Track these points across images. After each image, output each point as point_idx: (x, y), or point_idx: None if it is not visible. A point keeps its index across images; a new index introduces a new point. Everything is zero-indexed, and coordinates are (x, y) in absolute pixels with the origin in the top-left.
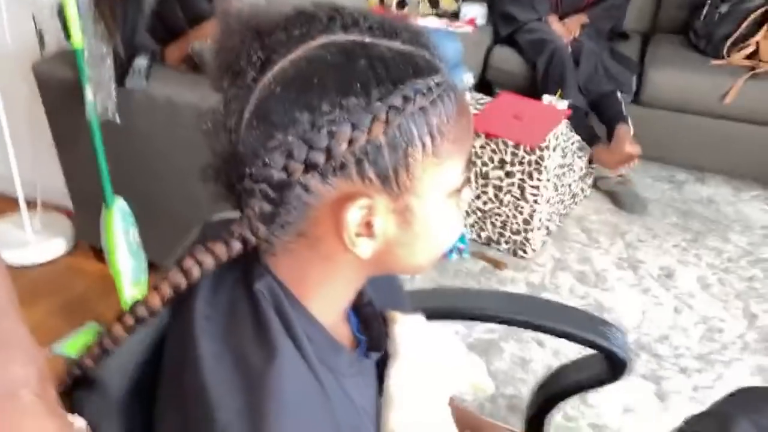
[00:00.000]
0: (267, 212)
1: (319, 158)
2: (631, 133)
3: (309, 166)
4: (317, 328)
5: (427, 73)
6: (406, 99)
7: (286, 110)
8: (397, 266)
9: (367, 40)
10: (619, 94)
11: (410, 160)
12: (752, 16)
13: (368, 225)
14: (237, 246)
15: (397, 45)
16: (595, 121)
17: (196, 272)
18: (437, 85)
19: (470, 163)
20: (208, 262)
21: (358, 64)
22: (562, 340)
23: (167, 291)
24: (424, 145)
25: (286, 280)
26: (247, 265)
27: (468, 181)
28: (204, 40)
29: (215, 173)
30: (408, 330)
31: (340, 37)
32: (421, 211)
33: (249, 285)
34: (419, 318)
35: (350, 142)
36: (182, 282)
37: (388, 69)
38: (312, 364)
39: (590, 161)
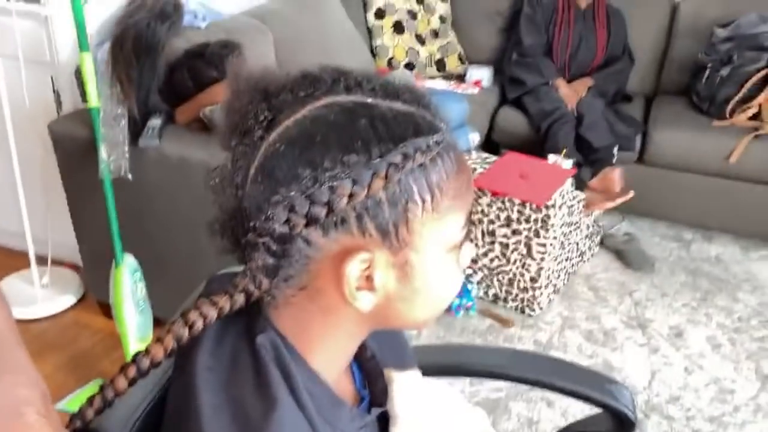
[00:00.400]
0: (270, 265)
1: (320, 213)
2: (620, 175)
3: (310, 220)
4: (318, 383)
5: (427, 132)
6: (405, 156)
7: (289, 167)
8: (397, 321)
9: (369, 100)
10: (615, 148)
11: (410, 215)
12: (753, 79)
13: (369, 279)
14: (240, 299)
15: (398, 105)
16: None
17: (199, 324)
18: (436, 143)
19: (470, 220)
20: (212, 314)
21: (360, 123)
22: (571, 400)
23: (171, 343)
24: (423, 201)
25: (288, 334)
26: (250, 318)
27: (468, 237)
28: (213, 104)
29: (221, 228)
30: (407, 389)
31: (343, 98)
32: (421, 266)
33: (252, 338)
34: (416, 375)
35: (350, 197)
36: (185, 334)
37: (388, 128)
38: (312, 419)
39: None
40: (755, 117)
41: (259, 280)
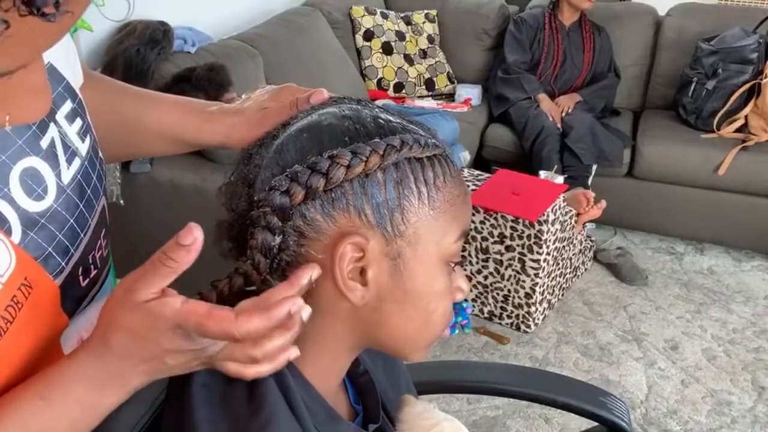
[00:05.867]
0: (268, 242)
1: (319, 182)
2: (590, 197)
3: (309, 191)
4: (315, 397)
5: (426, 137)
6: (403, 142)
7: (297, 148)
8: (387, 331)
9: (377, 110)
10: (594, 167)
11: (405, 203)
12: (738, 92)
13: (362, 273)
14: (239, 281)
15: (402, 121)
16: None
17: None
18: (435, 145)
19: (466, 237)
20: (212, 297)
21: (365, 116)
22: (569, 416)
23: None
24: (420, 192)
25: None
26: None
27: (461, 261)
28: None
29: (229, 228)
30: (416, 416)
31: (353, 104)
32: (413, 263)
33: None
34: (430, 406)
35: (348, 167)
36: None
37: (391, 124)
38: None
39: None
40: (741, 129)
41: (257, 260)
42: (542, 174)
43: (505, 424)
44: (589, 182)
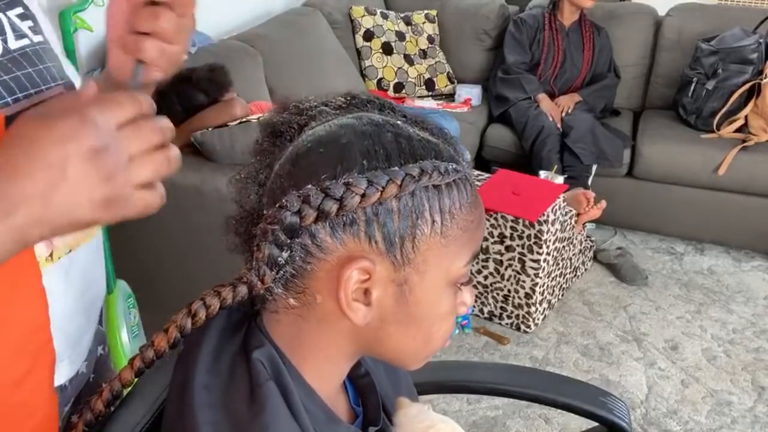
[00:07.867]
0: (274, 256)
1: (332, 207)
2: (590, 197)
3: (321, 214)
4: (315, 399)
5: (447, 160)
6: (422, 171)
7: (311, 163)
8: (387, 347)
9: (399, 122)
10: (594, 167)
11: (418, 232)
12: (738, 92)
13: (366, 293)
14: (243, 290)
15: (425, 134)
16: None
17: (202, 315)
18: (455, 170)
19: (476, 258)
20: (215, 304)
21: (385, 135)
22: (569, 416)
23: (175, 333)
24: (433, 221)
25: (284, 348)
26: (248, 334)
27: (470, 281)
28: (203, 129)
29: (237, 224)
30: (411, 419)
31: (374, 115)
32: (420, 290)
33: (248, 353)
34: (425, 407)
35: (363, 197)
36: (189, 325)
37: (411, 146)
38: None
39: None
40: (741, 129)
41: (263, 271)
42: (542, 174)
43: (505, 424)
44: (589, 182)
